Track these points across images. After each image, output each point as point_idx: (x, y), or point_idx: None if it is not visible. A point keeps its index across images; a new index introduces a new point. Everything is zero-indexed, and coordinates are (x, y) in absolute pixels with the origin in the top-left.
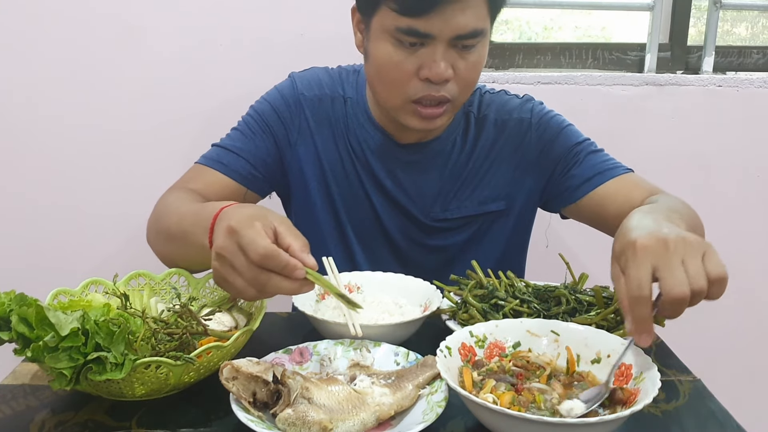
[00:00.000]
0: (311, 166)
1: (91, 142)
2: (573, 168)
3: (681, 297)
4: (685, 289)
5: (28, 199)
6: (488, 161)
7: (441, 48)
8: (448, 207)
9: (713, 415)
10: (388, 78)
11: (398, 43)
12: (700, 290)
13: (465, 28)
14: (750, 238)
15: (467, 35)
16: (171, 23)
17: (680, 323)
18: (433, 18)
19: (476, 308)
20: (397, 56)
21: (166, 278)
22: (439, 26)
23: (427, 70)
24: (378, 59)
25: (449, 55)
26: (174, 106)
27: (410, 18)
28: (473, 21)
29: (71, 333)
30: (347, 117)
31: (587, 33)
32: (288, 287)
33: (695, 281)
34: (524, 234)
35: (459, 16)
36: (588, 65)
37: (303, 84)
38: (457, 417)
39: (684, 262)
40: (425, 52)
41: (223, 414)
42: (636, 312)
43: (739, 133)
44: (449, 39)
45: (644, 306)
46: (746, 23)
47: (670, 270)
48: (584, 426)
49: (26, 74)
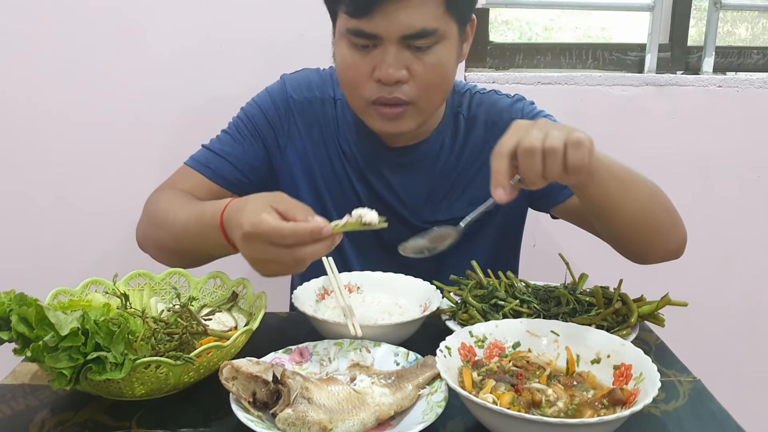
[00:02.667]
0: (301, 170)
1: (91, 141)
2: None
3: (531, 147)
4: (536, 143)
5: (28, 199)
6: (478, 162)
7: (392, 49)
8: (438, 208)
9: (713, 416)
10: (347, 80)
11: (353, 46)
12: (552, 147)
13: (411, 27)
14: (750, 238)
15: (415, 35)
16: (171, 22)
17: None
18: (378, 18)
19: (476, 308)
20: (352, 58)
21: (166, 278)
22: (383, 26)
23: (378, 71)
24: (339, 63)
25: (402, 56)
26: (174, 105)
27: (356, 19)
28: (421, 20)
29: (71, 333)
30: (337, 119)
31: (587, 33)
32: (323, 248)
33: (549, 140)
34: (516, 233)
35: (403, 16)
36: (588, 66)
37: (292, 86)
38: (456, 417)
39: (546, 132)
40: (377, 53)
41: (223, 414)
42: (493, 165)
43: (739, 133)
44: (398, 39)
45: (499, 160)
46: (746, 24)
47: (531, 133)
48: (584, 426)
49: (25, 73)
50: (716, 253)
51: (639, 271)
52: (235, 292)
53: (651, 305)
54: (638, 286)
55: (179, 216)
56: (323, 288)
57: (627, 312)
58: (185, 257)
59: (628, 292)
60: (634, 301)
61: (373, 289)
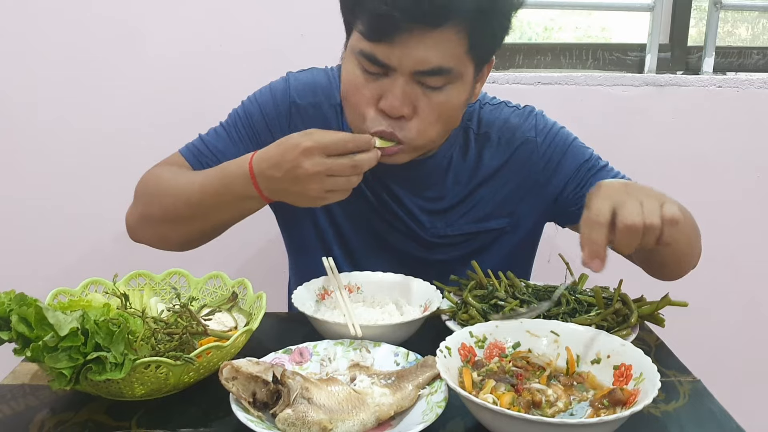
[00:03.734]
0: None
1: (91, 141)
2: (584, 188)
3: (633, 225)
4: (637, 219)
5: (29, 199)
6: (491, 180)
7: (401, 81)
8: (448, 223)
9: (713, 416)
10: (351, 101)
11: (361, 68)
12: (652, 225)
13: (426, 63)
14: (750, 238)
15: (429, 71)
16: (171, 23)
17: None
18: (396, 47)
19: (476, 308)
20: (360, 80)
21: (166, 278)
22: (398, 57)
23: (383, 101)
24: (345, 80)
25: (411, 91)
26: (174, 107)
27: (373, 43)
28: (438, 58)
29: (70, 333)
30: (344, 127)
31: (587, 33)
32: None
33: (649, 216)
34: (530, 249)
35: (422, 50)
36: (588, 66)
37: (297, 89)
38: (456, 417)
39: (642, 203)
40: (386, 82)
41: (223, 414)
42: (591, 235)
43: (739, 133)
44: (411, 73)
45: (599, 231)
46: (747, 24)
47: (628, 205)
48: (584, 426)
49: (26, 77)
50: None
51: (639, 271)
52: (235, 292)
53: (651, 305)
54: (638, 286)
55: (194, 179)
56: (323, 288)
57: (627, 312)
58: (195, 222)
59: (628, 293)
60: (634, 301)
61: (373, 289)
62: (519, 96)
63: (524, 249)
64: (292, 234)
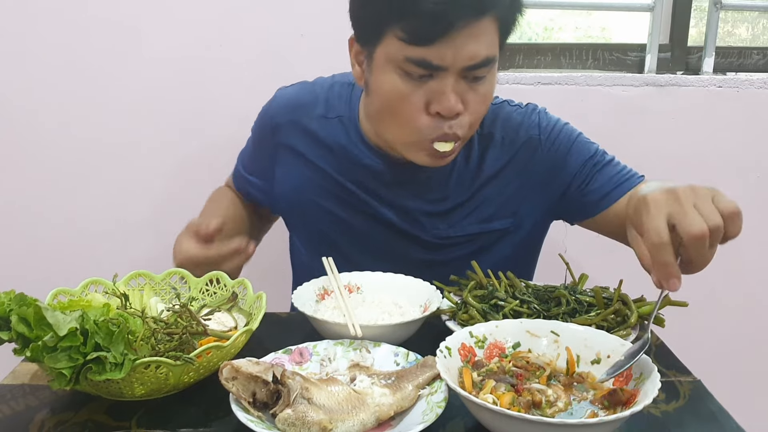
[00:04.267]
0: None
1: (91, 141)
2: (589, 184)
3: (700, 234)
4: (702, 226)
5: (29, 199)
6: (495, 180)
7: (451, 80)
8: (450, 225)
9: (713, 416)
10: (397, 112)
11: (406, 75)
12: (716, 226)
13: (477, 56)
14: (750, 238)
15: (480, 64)
16: (170, 24)
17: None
18: (444, 46)
19: (476, 309)
20: (405, 88)
21: (165, 278)
22: (451, 55)
23: (437, 104)
24: (384, 92)
25: (459, 87)
26: (173, 107)
27: (420, 47)
28: (485, 49)
29: (70, 333)
30: (337, 136)
31: (587, 33)
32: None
33: (710, 219)
34: (533, 249)
35: (471, 44)
36: (588, 66)
37: (279, 107)
38: (456, 417)
39: (696, 206)
40: (434, 84)
41: (223, 414)
42: (659, 258)
43: (739, 133)
44: (461, 69)
45: (666, 251)
46: (747, 24)
47: (685, 214)
48: (584, 426)
49: (26, 78)
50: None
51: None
52: (235, 293)
53: (651, 305)
54: (638, 286)
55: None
56: (323, 288)
57: (627, 312)
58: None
59: (629, 293)
60: (634, 301)
61: (373, 289)
62: (519, 96)
63: (527, 248)
64: (292, 237)
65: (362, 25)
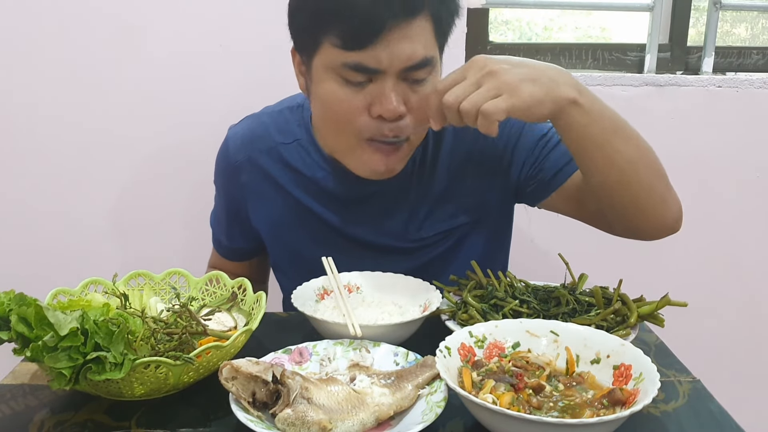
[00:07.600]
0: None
1: (90, 142)
2: (544, 160)
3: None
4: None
5: (28, 199)
6: (453, 173)
7: (390, 82)
8: (421, 227)
9: (712, 416)
10: (338, 118)
11: (345, 82)
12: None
13: (414, 57)
14: (750, 238)
15: (417, 65)
16: (171, 24)
17: (680, 324)
18: (379, 49)
19: (476, 308)
20: (346, 95)
21: (165, 278)
22: (386, 58)
23: (378, 107)
24: (325, 100)
25: (400, 89)
26: (173, 107)
27: (355, 52)
28: (421, 49)
29: (70, 333)
30: (295, 160)
31: (587, 33)
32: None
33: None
34: (506, 232)
35: (406, 45)
36: (588, 66)
37: (235, 148)
38: (456, 417)
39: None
40: (374, 88)
41: (223, 414)
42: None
43: (739, 133)
44: (399, 72)
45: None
46: (746, 24)
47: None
48: (584, 426)
49: (25, 76)
50: (716, 253)
51: (639, 271)
52: (234, 292)
53: (651, 305)
54: (638, 286)
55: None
56: (323, 288)
57: (627, 312)
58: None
59: (628, 293)
60: (634, 301)
61: (372, 289)
62: None
63: (499, 237)
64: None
65: (299, 35)
